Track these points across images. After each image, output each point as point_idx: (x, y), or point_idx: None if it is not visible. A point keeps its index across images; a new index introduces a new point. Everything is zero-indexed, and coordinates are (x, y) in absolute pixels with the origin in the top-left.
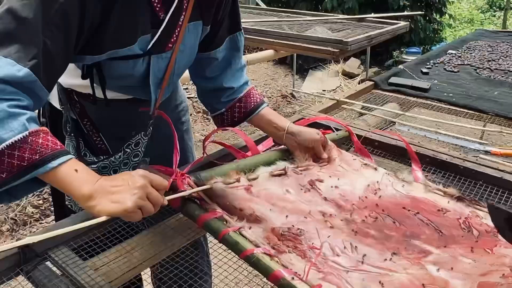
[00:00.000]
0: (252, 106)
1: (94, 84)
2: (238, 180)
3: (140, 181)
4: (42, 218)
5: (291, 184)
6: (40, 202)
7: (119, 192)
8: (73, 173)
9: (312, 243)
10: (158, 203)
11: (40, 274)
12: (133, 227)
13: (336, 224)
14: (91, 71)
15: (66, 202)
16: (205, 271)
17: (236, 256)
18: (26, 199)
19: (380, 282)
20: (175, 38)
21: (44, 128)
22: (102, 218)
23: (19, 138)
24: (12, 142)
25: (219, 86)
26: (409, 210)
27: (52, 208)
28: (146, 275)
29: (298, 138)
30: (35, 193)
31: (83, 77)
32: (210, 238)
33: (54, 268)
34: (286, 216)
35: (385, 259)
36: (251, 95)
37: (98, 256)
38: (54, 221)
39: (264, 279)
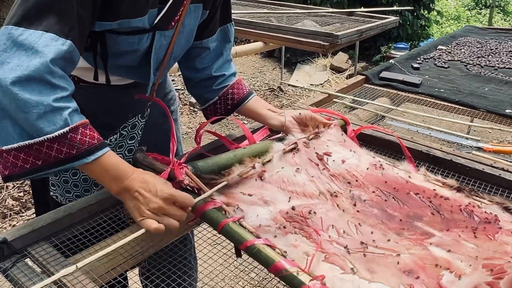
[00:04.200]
0: (245, 92)
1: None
2: (253, 167)
3: (159, 202)
4: (23, 211)
5: (300, 160)
6: (21, 194)
7: (139, 200)
8: (106, 168)
9: (318, 227)
10: (179, 220)
11: (18, 272)
12: (119, 222)
13: (342, 205)
14: (94, 46)
15: (51, 193)
16: (192, 268)
17: (222, 251)
18: (6, 191)
19: (383, 262)
20: (178, 17)
21: (84, 121)
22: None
23: (60, 134)
24: (52, 136)
25: (209, 76)
26: (410, 192)
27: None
28: (133, 273)
29: (296, 112)
30: (15, 184)
31: (87, 49)
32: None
33: (34, 266)
34: (294, 200)
35: (388, 240)
36: (242, 83)
37: (81, 253)
38: (34, 215)
39: (251, 275)
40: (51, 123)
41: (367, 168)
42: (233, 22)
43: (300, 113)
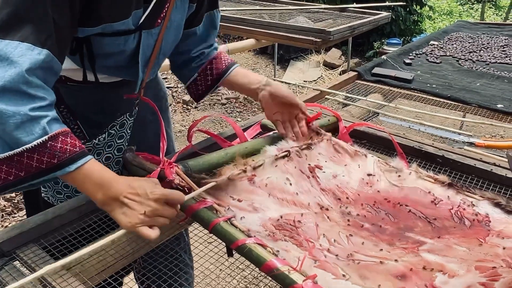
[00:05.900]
0: (224, 66)
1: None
2: (244, 171)
3: (152, 205)
4: (15, 212)
5: (292, 170)
6: (13, 195)
7: (131, 206)
8: (89, 177)
9: (309, 236)
10: (170, 217)
11: (7, 276)
12: (109, 223)
13: (332, 217)
14: (80, 48)
15: (42, 194)
16: (187, 265)
17: (214, 250)
18: None
19: (375, 269)
20: (164, 14)
21: (64, 129)
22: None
23: (39, 143)
24: (31, 146)
25: (189, 57)
26: (401, 206)
27: None
28: (128, 279)
29: (272, 90)
30: None
31: (72, 52)
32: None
33: (23, 268)
34: (284, 208)
35: (381, 250)
36: (222, 57)
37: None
38: (26, 216)
39: (245, 272)
40: (29, 132)
41: (358, 185)
42: (219, 9)
43: (281, 95)
